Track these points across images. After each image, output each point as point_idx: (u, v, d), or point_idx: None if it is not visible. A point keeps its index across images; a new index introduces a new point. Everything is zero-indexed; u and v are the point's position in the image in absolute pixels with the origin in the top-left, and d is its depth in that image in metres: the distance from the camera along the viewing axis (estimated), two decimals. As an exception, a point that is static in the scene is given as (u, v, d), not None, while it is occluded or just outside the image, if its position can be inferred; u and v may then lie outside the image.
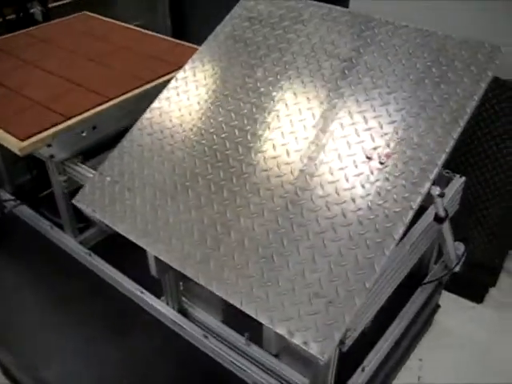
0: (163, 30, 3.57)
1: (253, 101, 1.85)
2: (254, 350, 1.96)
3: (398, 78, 1.73)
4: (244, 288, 1.48)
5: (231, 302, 1.46)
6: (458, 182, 2.04)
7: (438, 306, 2.54)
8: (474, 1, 2.42)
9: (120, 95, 2.32)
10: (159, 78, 2.46)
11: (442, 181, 2.04)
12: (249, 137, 1.76)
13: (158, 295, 2.19)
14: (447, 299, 2.64)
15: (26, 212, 2.66)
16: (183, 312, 2.13)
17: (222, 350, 1.99)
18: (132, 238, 1.69)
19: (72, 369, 2.07)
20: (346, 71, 1.80)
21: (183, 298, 2.15)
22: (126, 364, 2.08)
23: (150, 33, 2.99)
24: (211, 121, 1.86)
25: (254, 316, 1.43)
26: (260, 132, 1.76)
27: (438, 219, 1.73)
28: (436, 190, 1.54)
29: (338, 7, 2.01)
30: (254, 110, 1.83)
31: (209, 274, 1.53)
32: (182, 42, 2.89)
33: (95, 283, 2.35)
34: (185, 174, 1.76)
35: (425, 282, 2.23)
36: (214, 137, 1.80)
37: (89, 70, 2.53)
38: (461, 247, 2.19)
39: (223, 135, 1.80)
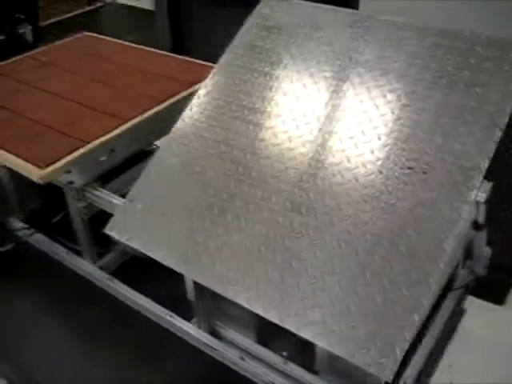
0: (163, 46, 3.53)
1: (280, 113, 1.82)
2: (293, 368, 1.93)
3: (430, 82, 1.70)
4: (298, 311, 1.45)
5: (287, 327, 1.44)
6: (488, 187, 2.03)
7: (464, 311, 2.53)
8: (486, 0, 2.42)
9: (135, 116, 2.28)
10: (172, 96, 2.43)
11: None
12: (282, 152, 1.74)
13: (186, 318, 2.15)
14: (469, 302, 2.64)
15: (40, 239, 2.59)
16: (216, 334, 2.09)
17: (260, 371, 1.95)
18: (172, 265, 1.65)
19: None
20: (379, 80, 1.77)
21: (215, 321, 2.11)
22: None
23: (154, 50, 2.95)
24: (240, 137, 1.83)
25: (311, 340, 1.41)
26: (291, 145, 1.74)
27: (478, 227, 1.72)
28: (482, 198, 1.53)
29: (358, 11, 1.99)
30: (281, 123, 1.80)
31: (259, 299, 1.50)
32: (188, 59, 2.87)
33: (119, 309, 2.29)
34: (220, 194, 1.73)
35: (454, 287, 2.22)
36: (248, 155, 1.77)
37: (98, 92, 2.49)
38: (488, 251, 2.19)
39: (255, 151, 1.77)
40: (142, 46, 3.01)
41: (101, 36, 3.14)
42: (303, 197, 1.62)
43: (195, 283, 1.82)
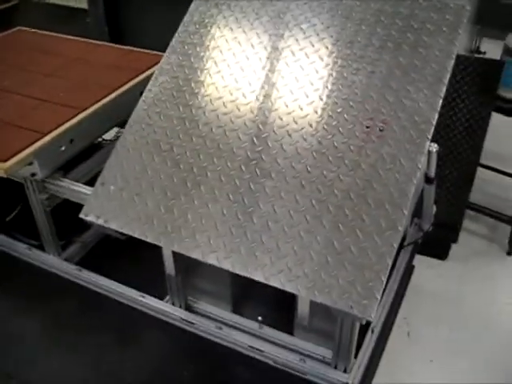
0: (100, 37, 3.52)
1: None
2: (269, 331, 2.04)
3: (378, 47, 1.84)
4: (282, 268, 1.56)
5: (273, 284, 1.54)
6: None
7: (413, 267, 2.74)
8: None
9: (91, 105, 2.30)
10: (123, 84, 2.46)
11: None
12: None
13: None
14: (416, 259, 2.85)
15: (-3, 239, 2.56)
16: (191, 309, 2.17)
17: (237, 338, 2.05)
18: (153, 240, 1.71)
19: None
20: (329, 46, 1.88)
21: (189, 297, 2.18)
22: (143, 371, 2.08)
23: (95, 42, 2.96)
24: (204, 112, 1.89)
25: (297, 293, 1.52)
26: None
27: (429, 180, 1.88)
28: (434, 147, 1.69)
29: None
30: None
31: (243, 262, 1.60)
32: (131, 48, 2.90)
33: (90, 297, 2.31)
34: (191, 169, 1.80)
35: (406, 243, 2.41)
36: (213, 129, 1.84)
37: (48, 85, 2.49)
38: (434, 208, 2.39)
39: (222, 124, 1.85)
40: (82, 39, 3.01)
41: (37, 30, 3.10)
42: (271, 163, 1.73)
43: (174, 257, 1.88)
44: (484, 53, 3.40)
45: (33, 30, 3.10)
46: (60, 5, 6.07)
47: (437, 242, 2.89)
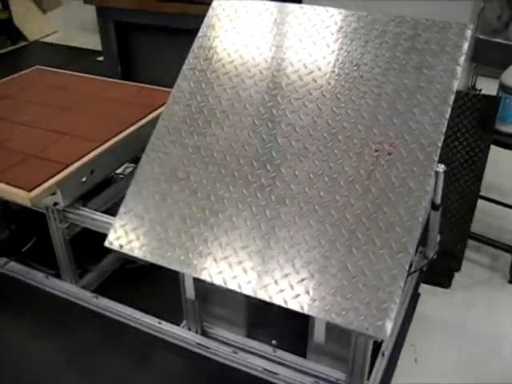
0: (113, 76, 3.68)
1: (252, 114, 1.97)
2: (283, 354, 2.11)
3: (383, 69, 1.89)
4: (299, 292, 1.64)
5: (292, 307, 1.62)
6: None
7: (419, 295, 2.81)
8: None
9: (110, 139, 2.41)
10: (140, 120, 2.58)
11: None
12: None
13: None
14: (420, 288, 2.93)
15: (14, 268, 2.63)
16: (206, 335, 2.23)
17: (252, 361, 2.11)
18: (176, 268, 1.78)
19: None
20: (337, 69, 1.94)
21: (204, 323, 2.25)
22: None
23: (110, 80, 3.11)
24: (218, 139, 1.96)
25: (315, 315, 1.60)
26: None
27: (435, 206, 1.98)
28: (441, 168, 1.78)
29: (307, 5, 2.12)
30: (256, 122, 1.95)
31: (263, 287, 1.68)
32: (143, 85, 3.03)
33: (108, 324, 2.37)
34: (209, 197, 1.88)
35: (412, 271, 2.49)
36: (227, 157, 1.92)
37: (68, 119, 2.61)
38: (438, 236, 2.48)
39: (235, 152, 1.92)
40: (97, 76, 3.15)
41: (54, 69, 3.24)
42: (285, 189, 1.83)
43: (195, 282, 1.96)
44: (480, 90, 3.56)
45: (50, 69, 3.24)
46: (67, 45, 6.33)
47: (440, 270, 2.98)
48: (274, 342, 2.13)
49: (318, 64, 1.99)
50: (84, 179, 2.28)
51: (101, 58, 4.53)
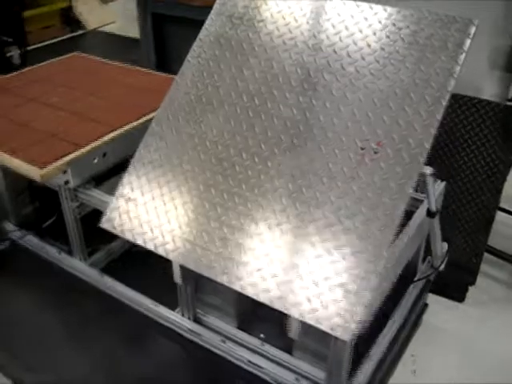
0: (148, 65, 3.81)
1: (247, 105, 1.97)
2: (269, 349, 2.12)
3: (381, 64, 1.81)
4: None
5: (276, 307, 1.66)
6: (440, 186, 2.27)
7: (426, 305, 2.76)
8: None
9: (124, 124, 2.50)
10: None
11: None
12: (250, 142, 1.90)
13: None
14: (432, 300, 2.86)
15: (32, 241, 2.76)
16: (198, 321, 2.28)
17: (239, 352, 2.14)
18: (173, 258, 1.86)
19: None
20: (331, 63, 1.89)
21: (197, 309, 2.29)
22: (143, 372, 2.22)
23: (140, 69, 3.20)
24: (212, 129, 1.97)
25: (286, 312, 1.63)
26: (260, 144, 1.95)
27: (431, 214, 1.94)
28: (428, 169, 1.74)
29: None
30: (250, 113, 1.95)
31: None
32: (171, 76, 3.10)
33: (109, 302, 2.46)
34: (198, 187, 1.90)
35: (415, 279, 2.45)
36: (219, 146, 1.93)
37: (91, 104, 2.72)
38: (445, 246, 2.43)
39: (227, 142, 1.93)
40: (128, 65, 3.26)
41: (90, 56, 3.38)
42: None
43: (181, 267, 2.01)
44: (515, 100, 3.43)
45: (87, 55, 3.38)
46: (122, 36, 6.54)
47: (454, 283, 2.90)
48: (262, 335, 2.15)
49: (315, 58, 1.93)
50: (96, 160, 2.37)
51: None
